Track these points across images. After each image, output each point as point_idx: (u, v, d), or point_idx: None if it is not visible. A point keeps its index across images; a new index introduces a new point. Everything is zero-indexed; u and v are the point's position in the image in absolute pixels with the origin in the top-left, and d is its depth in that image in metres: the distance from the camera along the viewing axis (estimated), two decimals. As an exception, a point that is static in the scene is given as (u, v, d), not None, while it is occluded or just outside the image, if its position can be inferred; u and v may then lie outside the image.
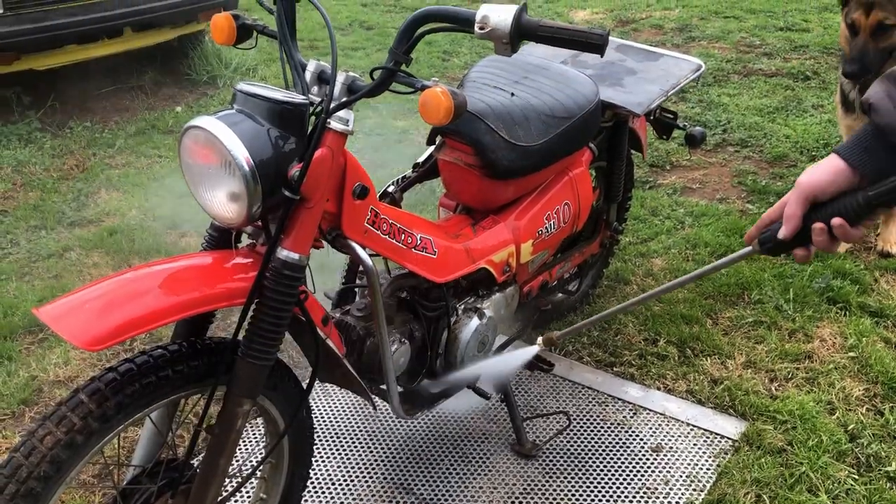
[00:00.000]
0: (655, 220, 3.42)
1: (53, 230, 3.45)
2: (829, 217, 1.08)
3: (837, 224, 1.07)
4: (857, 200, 1.06)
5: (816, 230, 1.09)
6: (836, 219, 1.07)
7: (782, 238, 1.12)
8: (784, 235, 1.12)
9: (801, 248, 1.13)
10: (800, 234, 1.11)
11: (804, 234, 1.11)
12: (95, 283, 1.40)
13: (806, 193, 1.11)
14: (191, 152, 1.44)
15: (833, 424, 2.26)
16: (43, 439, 1.34)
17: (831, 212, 1.08)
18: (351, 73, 1.50)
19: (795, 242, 1.13)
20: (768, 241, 1.15)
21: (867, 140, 1.10)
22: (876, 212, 1.09)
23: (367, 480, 2.14)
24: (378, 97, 1.50)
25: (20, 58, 4.28)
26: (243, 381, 1.48)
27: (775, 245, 1.14)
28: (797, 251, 1.13)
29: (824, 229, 1.09)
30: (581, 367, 2.56)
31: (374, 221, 1.68)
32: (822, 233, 1.09)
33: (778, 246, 1.14)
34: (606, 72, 2.44)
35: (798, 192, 1.11)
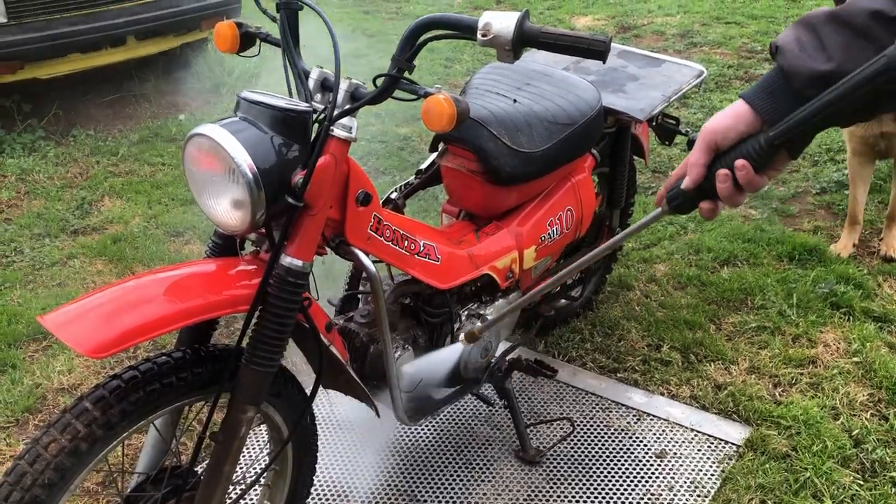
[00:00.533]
0: (658, 225, 3.42)
1: (57, 238, 3.46)
2: (732, 161, 1.04)
3: (740, 166, 1.03)
4: (759, 142, 1.03)
5: (720, 176, 1.05)
6: (740, 161, 1.03)
7: (686, 189, 1.09)
8: (687, 185, 1.08)
9: (708, 201, 1.08)
10: (705, 185, 1.07)
11: (709, 186, 1.07)
12: (99, 291, 1.40)
13: (708, 140, 1.07)
14: (194, 160, 1.44)
15: (837, 430, 2.25)
16: (47, 447, 1.34)
17: (734, 156, 1.04)
18: (354, 81, 1.51)
19: (701, 195, 1.08)
20: (675, 198, 1.11)
21: (772, 84, 1.08)
22: (778, 156, 1.05)
23: (371, 487, 2.13)
24: (380, 104, 1.51)
25: (24, 67, 4.29)
26: (247, 388, 1.48)
27: (682, 200, 1.11)
28: (703, 205, 1.09)
29: (728, 175, 1.04)
30: (584, 372, 2.55)
31: (378, 228, 1.68)
32: (725, 179, 1.05)
33: (685, 201, 1.10)
34: (609, 78, 2.44)
35: (700, 140, 1.07)
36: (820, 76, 1.03)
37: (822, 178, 3.75)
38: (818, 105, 0.99)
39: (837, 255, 3.11)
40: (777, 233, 3.29)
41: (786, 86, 1.07)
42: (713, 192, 1.07)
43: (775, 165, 1.07)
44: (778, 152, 1.04)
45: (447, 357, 1.98)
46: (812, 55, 1.04)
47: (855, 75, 0.96)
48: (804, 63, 1.04)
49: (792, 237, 3.24)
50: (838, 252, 3.12)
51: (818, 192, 3.67)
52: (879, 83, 0.94)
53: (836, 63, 1.02)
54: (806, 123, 1.00)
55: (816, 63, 1.03)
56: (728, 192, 1.06)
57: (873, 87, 0.94)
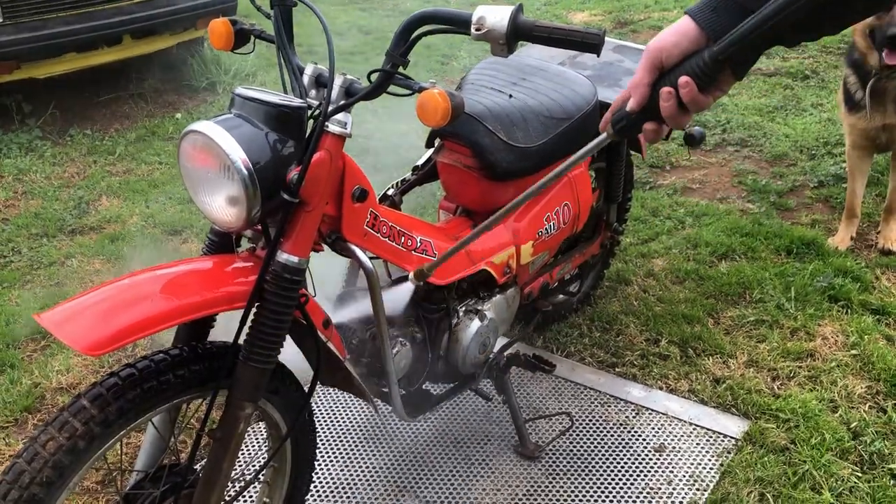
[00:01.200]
0: (656, 220, 3.42)
1: (55, 238, 3.46)
2: (676, 79, 1.02)
3: (684, 83, 1.01)
4: (703, 58, 1.01)
5: (664, 94, 1.02)
6: (683, 78, 1.01)
7: (630, 110, 1.07)
8: (632, 107, 1.06)
9: (652, 122, 1.06)
10: (650, 106, 1.05)
11: (654, 106, 1.04)
12: (96, 289, 1.40)
13: (652, 58, 1.05)
14: (190, 157, 1.44)
15: (836, 422, 2.26)
16: (45, 445, 1.34)
17: (678, 73, 1.02)
18: (348, 77, 1.51)
19: (645, 116, 1.06)
20: (620, 121, 1.09)
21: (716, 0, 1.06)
22: (723, 75, 1.03)
23: (370, 483, 2.14)
24: (378, 101, 1.51)
25: (20, 66, 4.29)
26: (245, 385, 1.48)
27: (627, 122, 1.08)
28: (647, 126, 1.07)
29: (672, 93, 1.02)
30: (583, 367, 2.56)
31: (374, 224, 1.68)
32: (669, 97, 1.02)
33: (629, 123, 1.08)
34: (604, 72, 2.44)
35: (644, 58, 1.05)
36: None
37: (819, 172, 3.75)
38: (759, 18, 0.97)
39: (835, 248, 3.11)
40: (775, 226, 3.29)
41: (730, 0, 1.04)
42: (658, 114, 1.05)
43: (720, 85, 1.04)
44: (722, 69, 1.02)
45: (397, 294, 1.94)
46: None
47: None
48: None
49: (790, 231, 3.24)
50: (836, 245, 3.12)
51: (816, 185, 3.67)
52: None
53: None
54: (748, 37, 0.98)
55: None
56: (671, 111, 1.04)
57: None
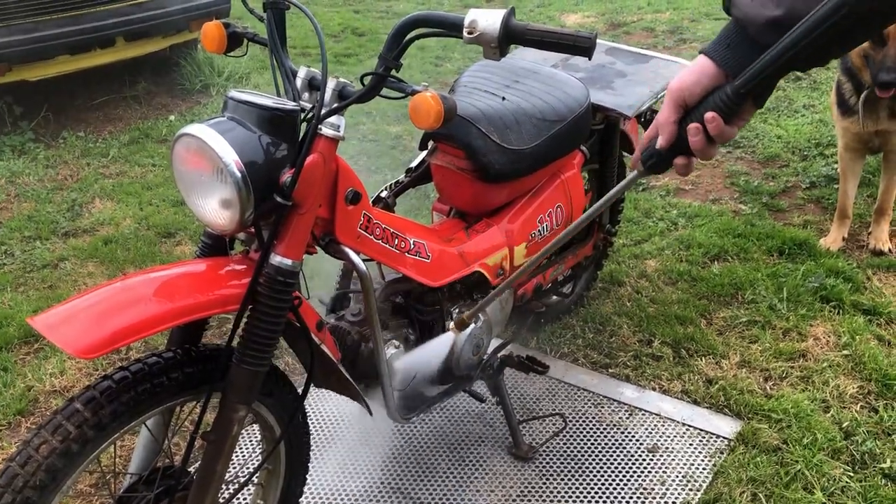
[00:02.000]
0: (649, 221, 3.43)
1: (48, 240, 3.45)
2: (702, 115, 1.07)
3: (710, 118, 1.06)
4: (726, 93, 1.05)
5: (692, 130, 1.07)
6: (709, 113, 1.06)
7: (660, 148, 1.11)
8: (661, 145, 1.11)
9: (682, 157, 1.11)
10: (678, 142, 1.10)
11: (682, 142, 1.09)
12: (89, 292, 1.40)
13: (675, 97, 1.10)
14: (183, 160, 1.44)
15: (828, 422, 2.27)
16: (38, 448, 1.34)
17: (703, 109, 1.07)
18: (341, 80, 1.51)
19: (675, 152, 1.11)
20: (650, 158, 1.13)
21: (729, 36, 1.10)
22: (745, 105, 1.07)
23: (364, 485, 2.14)
24: (372, 103, 1.51)
25: (11, 69, 4.29)
26: (238, 388, 1.49)
27: (657, 159, 1.13)
28: (678, 161, 1.11)
29: (699, 128, 1.07)
30: (576, 368, 2.56)
31: (367, 226, 1.69)
32: (697, 132, 1.07)
33: (659, 160, 1.12)
34: (597, 75, 2.45)
35: (668, 98, 1.10)
36: (773, 22, 1.05)
37: (811, 173, 3.77)
38: (778, 50, 1.01)
39: (827, 249, 3.12)
40: (767, 227, 3.31)
41: (742, 36, 1.10)
42: (686, 148, 1.09)
43: (743, 115, 1.08)
44: (744, 101, 1.06)
45: (439, 348, 1.98)
46: (762, 3, 1.06)
47: (809, 18, 0.97)
48: (756, 11, 1.07)
49: (782, 232, 3.26)
50: (828, 246, 3.13)
51: (807, 186, 3.69)
52: (833, 22, 0.95)
53: (786, 7, 1.04)
54: (768, 69, 1.02)
55: (767, 10, 1.05)
56: (700, 144, 1.08)
57: (827, 28, 0.96)
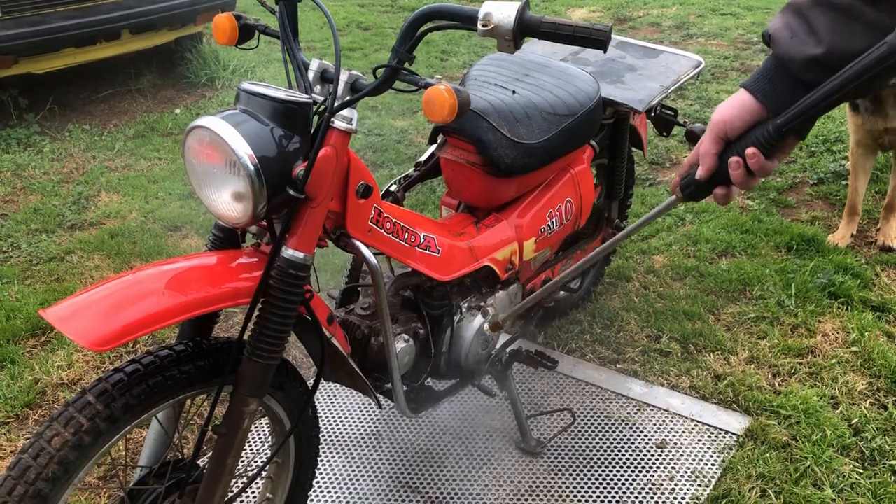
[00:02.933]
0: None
1: (54, 233, 3.45)
2: (743, 150, 1.09)
3: (751, 154, 1.08)
4: (768, 130, 1.07)
5: (732, 164, 1.09)
6: (750, 149, 1.08)
7: (700, 178, 1.14)
8: (701, 175, 1.13)
9: (721, 186, 1.13)
10: (717, 172, 1.12)
11: (722, 173, 1.11)
12: (101, 284, 1.40)
13: (717, 130, 1.11)
14: (195, 152, 1.43)
15: (837, 419, 2.26)
16: (51, 440, 1.33)
17: (744, 144, 1.09)
18: (354, 72, 1.50)
19: (714, 181, 1.13)
20: (689, 186, 1.16)
21: (770, 72, 1.11)
22: (786, 141, 1.09)
23: (373, 479, 2.14)
24: (378, 97, 1.50)
25: (18, 61, 4.28)
26: (249, 381, 1.48)
27: (696, 188, 1.16)
28: (717, 191, 1.14)
29: (740, 162, 1.09)
30: (584, 364, 2.56)
31: (378, 220, 1.68)
32: (738, 166, 1.09)
33: (698, 189, 1.15)
34: (607, 69, 2.44)
35: (710, 130, 1.12)
36: (813, 60, 1.06)
37: (819, 169, 3.76)
38: (824, 92, 1.03)
39: (835, 245, 3.11)
40: (775, 223, 3.30)
41: (783, 73, 1.10)
42: (726, 179, 1.11)
43: (784, 149, 1.11)
44: (786, 138, 1.08)
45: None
46: (803, 40, 1.07)
47: (857, 64, 0.99)
48: (797, 49, 1.07)
49: (790, 227, 3.25)
50: (836, 242, 3.13)
51: (815, 182, 3.68)
52: (883, 68, 0.95)
53: (827, 45, 1.05)
54: (812, 110, 1.04)
55: (808, 48, 1.06)
56: (741, 178, 1.10)
57: (879, 71, 0.97)
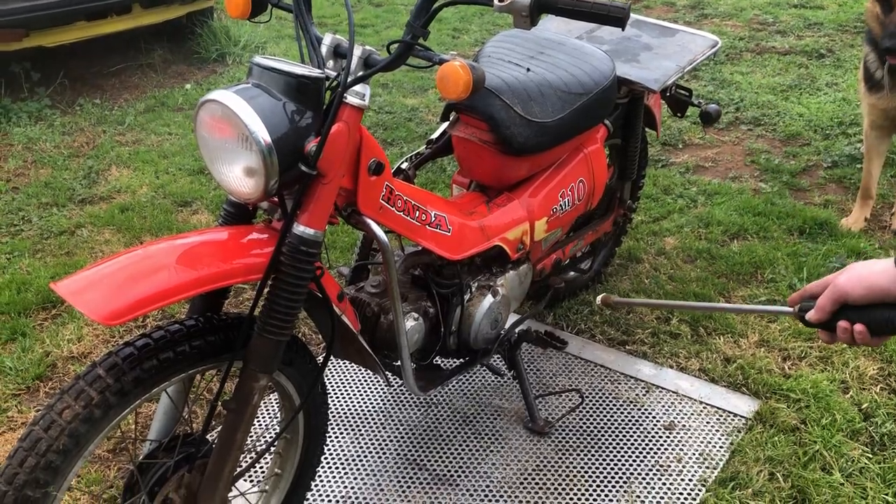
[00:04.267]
0: (668, 198, 3.40)
1: (65, 207, 3.46)
2: (855, 321, 1.11)
3: (859, 331, 1.11)
4: (892, 321, 1.08)
5: (840, 328, 1.13)
6: (860, 326, 1.10)
7: (810, 319, 1.18)
8: (811, 319, 1.17)
9: (826, 332, 1.17)
10: (826, 325, 1.17)
11: (831, 324, 1.16)
12: (112, 258, 1.39)
13: (839, 296, 1.13)
14: (207, 126, 1.42)
15: (847, 403, 2.25)
16: (62, 413, 1.34)
17: (859, 318, 1.11)
18: (367, 47, 1.49)
19: (823, 326, 1.18)
20: (803, 311, 1.20)
21: None
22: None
23: (381, 456, 2.15)
24: (388, 75, 1.49)
25: (29, 34, 4.26)
26: (260, 357, 1.48)
27: (805, 323, 1.21)
28: (821, 333, 1.19)
29: (848, 330, 1.12)
30: (593, 345, 2.55)
31: (389, 198, 1.67)
32: (845, 332, 1.13)
33: (807, 325, 1.21)
34: (622, 47, 2.41)
35: (832, 292, 1.13)
36: None
37: (833, 152, 3.72)
38: None
39: (849, 229, 3.09)
40: (787, 206, 3.27)
41: None
42: (832, 330, 1.16)
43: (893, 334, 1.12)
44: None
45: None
46: None
47: None
48: None
49: (802, 211, 3.22)
50: (850, 226, 3.10)
51: (829, 165, 3.64)
52: None
53: None
54: None
55: None
56: (846, 340, 1.14)
57: None
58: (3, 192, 3.57)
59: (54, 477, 1.34)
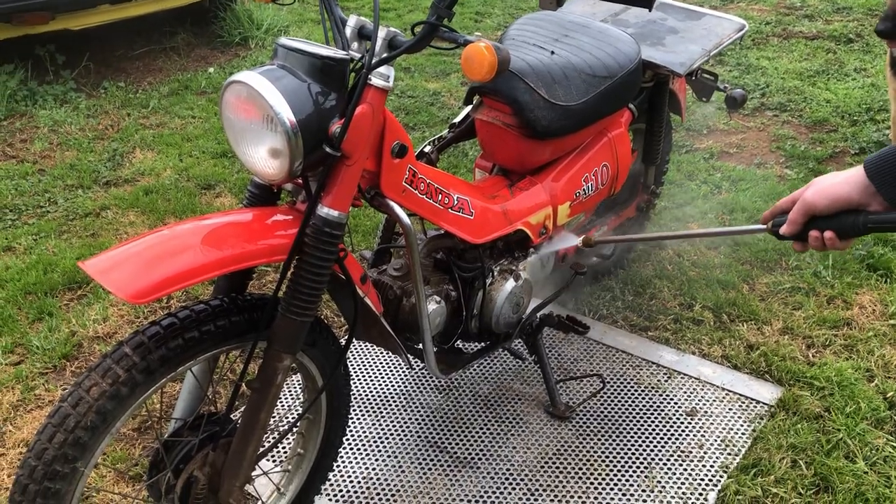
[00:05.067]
0: (692, 184, 3.37)
1: (90, 189, 3.49)
2: (824, 229, 1.21)
3: (829, 237, 1.21)
4: (857, 224, 1.16)
5: (811, 237, 1.23)
6: (829, 233, 1.20)
7: (784, 233, 1.29)
8: (785, 233, 1.28)
9: (799, 243, 1.28)
10: (798, 236, 1.27)
11: (802, 235, 1.26)
12: (138, 238, 1.41)
13: (807, 209, 1.22)
14: (233, 108, 1.43)
15: (872, 392, 2.23)
16: (89, 390, 1.36)
17: (828, 225, 1.21)
18: (392, 29, 1.48)
19: (795, 237, 1.28)
20: (776, 227, 1.32)
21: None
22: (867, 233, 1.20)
23: (402, 438, 2.16)
24: (410, 58, 1.48)
25: (55, 17, 4.29)
26: (284, 337, 1.49)
27: (778, 237, 1.33)
28: (795, 244, 1.29)
29: (819, 238, 1.22)
30: (615, 330, 2.55)
31: (412, 181, 1.67)
32: (816, 240, 1.23)
33: (779, 237, 1.32)
34: (647, 30, 2.39)
35: (801, 206, 1.23)
36: None
37: (861, 139, 3.67)
38: None
39: (875, 216, 3.04)
40: (813, 193, 3.23)
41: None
42: (804, 240, 1.26)
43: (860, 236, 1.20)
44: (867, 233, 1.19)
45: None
46: None
47: None
48: None
49: (829, 198, 3.18)
50: (876, 213, 3.06)
51: (856, 152, 3.59)
52: None
53: None
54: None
55: None
56: (817, 247, 1.24)
57: None
58: (29, 174, 3.61)
59: (82, 453, 1.36)
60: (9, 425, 2.21)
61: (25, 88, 4.36)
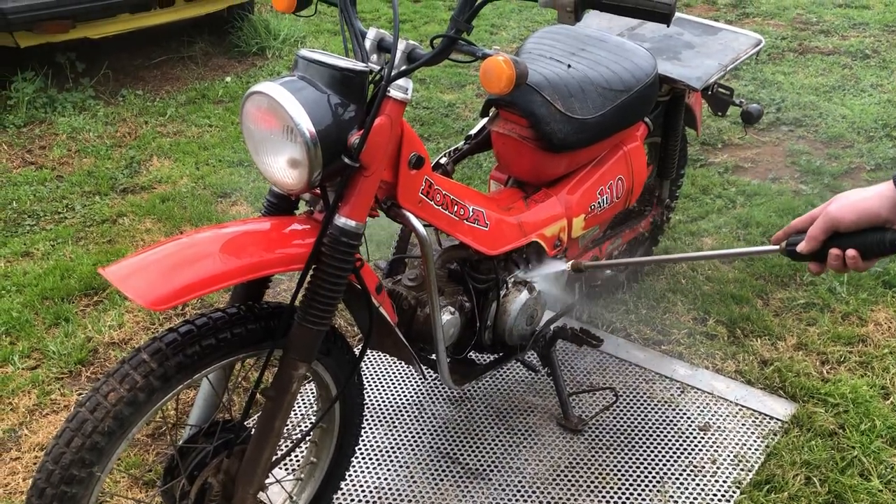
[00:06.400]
0: (706, 198, 3.37)
1: (107, 196, 3.52)
2: (846, 247, 1.14)
3: (851, 255, 1.14)
4: (884, 242, 1.11)
5: (832, 255, 1.16)
6: (852, 251, 1.13)
7: (800, 252, 1.21)
8: (802, 250, 1.20)
9: (816, 263, 1.20)
10: (817, 255, 1.19)
11: (821, 254, 1.18)
12: (158, 245, 1.42)
13: (830, 224, 1.15)
14: (253, 118, 1.45)
15: (887, 409, 2.22)
16: (107, 395, 1.37)
17: (851, 243, 1.14)
18: (411, 42, 1.50)
19: (812, 257, 1.20)
20: (791, 246, 1.24)
21: None
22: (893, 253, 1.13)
23: (414, 449, 2.16)
24: (426, 70, 1.50)
25: (75, 26, 4.34)
26: (300, 346, 1.50)
27: (794, 257, 1.24)
28: (812, 265, 1.21)
29: (840, 256, 1.15)
30: (629, 344, 2.54)
31: (429, 192, 1.68)
32: (836, 259, 1.16)
33: (795, 257, 1.24)
34: (664, 45, 2.40)
35: (823, 221, 1.16)
36: None
37: (876, 155, 3.65)
38: None
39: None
40: (829, 209, 3.22)
41: None
42: (823, 259, 1.18)
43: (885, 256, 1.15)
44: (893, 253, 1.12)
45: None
46: None
47: None
48: None
49: (844, 213, 3.17)
50: (892, 230, 3.04)
51: (872, 168, 3.58)
52: None
53: None
54: None
55: None
56: (837, 268, 1.17)
57: None
58: (48, 181, 3.64)
59: (99, 457, 1.37)
60: (25, 429, 2.23)
61: (45, 95, 4.41)
